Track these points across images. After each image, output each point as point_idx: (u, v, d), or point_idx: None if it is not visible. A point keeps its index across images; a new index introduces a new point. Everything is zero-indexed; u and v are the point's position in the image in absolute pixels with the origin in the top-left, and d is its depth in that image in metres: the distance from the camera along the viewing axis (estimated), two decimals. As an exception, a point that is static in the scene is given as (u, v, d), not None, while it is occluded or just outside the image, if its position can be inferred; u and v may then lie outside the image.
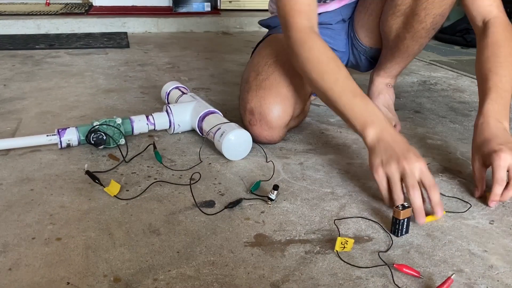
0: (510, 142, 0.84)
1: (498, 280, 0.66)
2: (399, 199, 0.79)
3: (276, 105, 1.02)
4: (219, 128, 1.01)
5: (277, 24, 1.21)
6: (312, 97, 1.38)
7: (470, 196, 0.89)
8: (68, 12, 2.71)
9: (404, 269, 0.66)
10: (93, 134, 1.00)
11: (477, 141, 0.89)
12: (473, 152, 0.90)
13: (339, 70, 0.90)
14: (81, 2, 3.18)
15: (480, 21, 1.00)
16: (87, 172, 0.89)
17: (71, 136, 1.02)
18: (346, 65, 1.28)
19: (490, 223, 0.81)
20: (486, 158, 0.86)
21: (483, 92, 0.92)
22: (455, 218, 0.81)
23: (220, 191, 0.88)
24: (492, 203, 0.85)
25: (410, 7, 1.02)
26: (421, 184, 0.78)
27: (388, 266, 0.68)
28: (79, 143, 1.04)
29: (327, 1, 1.15)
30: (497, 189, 0.83)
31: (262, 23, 1.30)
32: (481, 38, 0.99)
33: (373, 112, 0.85)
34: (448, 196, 0.89)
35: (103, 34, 2.47)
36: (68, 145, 1.03)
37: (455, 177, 0.97)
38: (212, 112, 1.09)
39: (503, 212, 0.84)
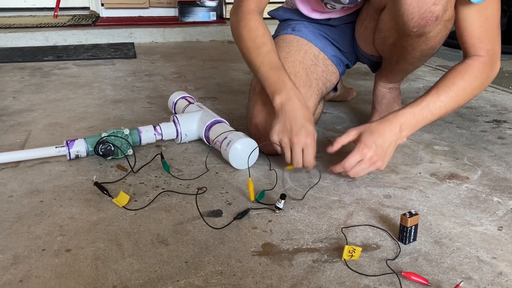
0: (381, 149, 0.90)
1: (507, 287, 0.66)
2: (288, 159, 0.94)
3: None
4: (226, 137, 1.01)
5: (287, 17, 1.22)
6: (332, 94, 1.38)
7: (478, 203, 0.89)
8: (76, 23, 2.74)
9: (412, 277, 0.66)
10: (101, 145, 1.01)
11: (371, 122, 0.95)
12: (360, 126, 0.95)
13: (264, 45, 1.01)
14: (88, 13, 3.21)
15: (466, 50, 0.98)
16: (96, 183, 0.90)
17: (80, 147, 1.03)
18: (355, 64, 1.29)
19: (498, 229, 0.80)
20: (357, 139, 0.93)
21: (418, 99, 0.95)
22: (463, 225, 0.81)
23: (227, 200, 0.88)
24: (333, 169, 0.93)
25: (396, 41, 1.03)
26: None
27: (396, 274, 0.68)
28: (87, 154, 1.05)
29: (326, 11, 1.16)
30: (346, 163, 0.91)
31: (271, 14, 1.30)
32: (460, 62, 0.99)
33: (283, 83, 0.96)
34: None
35: (110, 45, 2.50)
36: (77, 156, 1.04)
37: (462, 183, 0.97)
38: (219, 121, 1.10)
39: (511, 218, 0.84)
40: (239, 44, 1.06)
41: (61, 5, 3.04)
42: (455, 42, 1.01)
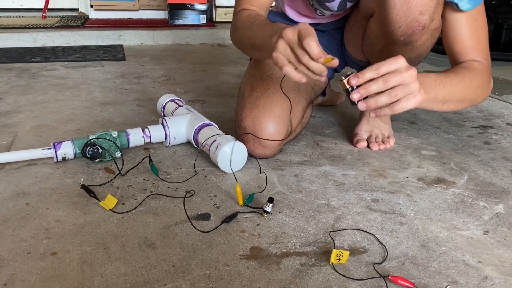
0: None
1: (492, 291, 0.66)
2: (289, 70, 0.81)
3: (269, 126, 1.02)
4: (215, 141, 1.01)
5: (277, 21, 1.22)
6: (320, 99, 1.38)
7: (464, 207, 0.90)
8: (64, 25, 2.73)
9: (399, 281, 0.66)
10: (88, 147, 1.01)
11: None
12: None
13: (257, 19, 0.96)
14: (77, 15, 3.19)
15: (460, 60, 0.99)
16: (83, 186, 0.90)
17: (67, 149, 1.02)
18: (343, 68, 1.31)
19: (484, 233, 0.81)
20: None
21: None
22: (449, 229, 0.82)
23: (215, 204, 0.88)
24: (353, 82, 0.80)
25: (384, 48, 1.03)
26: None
27: (383, 278, 0.68)
28: (75, 157, 1.04)
29: (316, 17, 1.16)
30: (367, 72, 0.79)
31: None
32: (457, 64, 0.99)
33: (277, 27, 0.86)
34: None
35: (99, 47, 2.49)
36: (64, 159, 1.03)
37: (449, 187, 0.98)
38: (208, 125, 1.09)
39: (497, 223, 0.84)
40: (234, 35, 1.02)
41: (49, 6, 3.02)
42: (442, 48, 1.02)
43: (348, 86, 0.80)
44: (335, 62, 0.78)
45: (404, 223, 0.83)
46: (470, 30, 0.96)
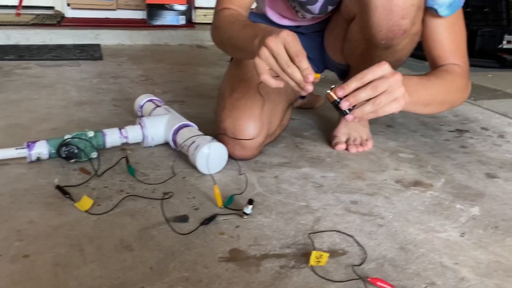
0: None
1: (469, 292, 0.67)
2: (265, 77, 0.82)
3: (249, 127, 1.01)
4: (194, 141, 1.00)
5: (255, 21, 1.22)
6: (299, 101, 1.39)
7: (441, 210, 0.91)
8: (40, 23, 2.67)
9: (378, 283, 0.66)
10: (64, 147, 0.98)
11: None
12: None
13: (238, 20, 0.95)
14: (53, 13, 3.13)
15: (440, 64, 1.00)
16: (58, 187, 0.87)
17: (41, 149, 1.00)
18: (323, 71, 1.32)
19: (461, 235, 0.82)
20: None
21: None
22: (427, 231, 0.83)
23: (194, 206, 0.87)
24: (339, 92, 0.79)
25: (364, 51, 1.04)
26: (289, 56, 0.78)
27: (362, 280, 0.68)
28: (49, 157, 1.01)
29: (296, 19, 1.16)
30: (352, 83, 0.79)
31: None
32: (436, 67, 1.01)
33: (257, 28, 0.86)
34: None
35: (76, 46, 2.44)
36: (38, 159, 1.00)
37: (426, 190, 0.99)
38: (187, 125, 1.08)
39: (473, 225, 0.86)
40: (216, 34, 1.00)
41: (24, 3, 2.95)
42: (420, 53, 1.04)
43: (336, 98, 0.80)
44: (318, 80, 0.80)
45: (382, 225, 0.84)
46: (449, 35, 0.98)
